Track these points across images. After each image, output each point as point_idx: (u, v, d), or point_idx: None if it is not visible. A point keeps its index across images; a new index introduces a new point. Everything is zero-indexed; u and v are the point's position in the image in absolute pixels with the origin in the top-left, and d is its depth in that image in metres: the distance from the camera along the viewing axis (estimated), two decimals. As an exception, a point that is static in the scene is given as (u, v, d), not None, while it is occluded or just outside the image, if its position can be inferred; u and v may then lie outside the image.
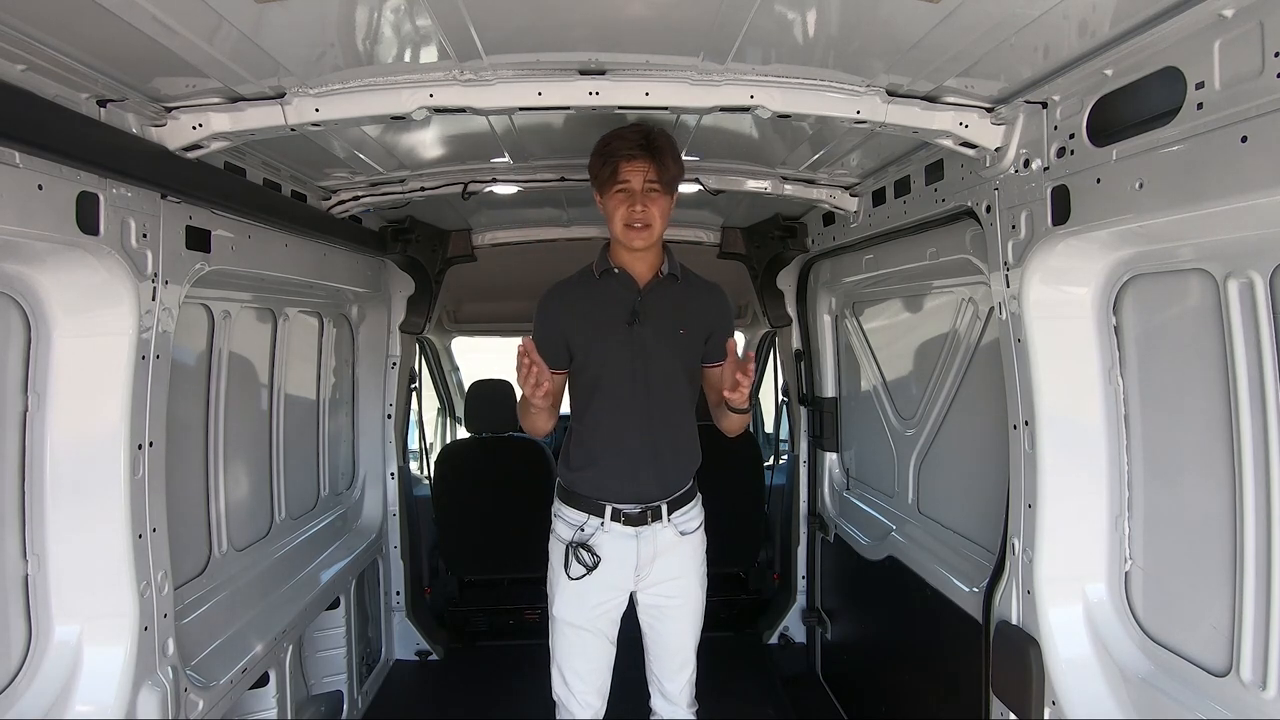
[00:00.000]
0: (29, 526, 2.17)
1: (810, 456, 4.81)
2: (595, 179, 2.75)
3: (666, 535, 2.85)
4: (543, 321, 2.86)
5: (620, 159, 2.64)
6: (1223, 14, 1.59)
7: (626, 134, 2.66)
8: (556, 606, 2.89)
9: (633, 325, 2.78)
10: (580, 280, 2.90)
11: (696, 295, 2.91)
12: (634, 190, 2.67)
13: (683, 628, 2.95)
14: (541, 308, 2.88)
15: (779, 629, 5.05)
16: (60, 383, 2.18)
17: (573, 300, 2.85)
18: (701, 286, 2.95)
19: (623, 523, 2.81)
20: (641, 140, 2.64)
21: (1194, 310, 2.02)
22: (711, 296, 2.94)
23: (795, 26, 1.98)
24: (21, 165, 1.79)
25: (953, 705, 2.98)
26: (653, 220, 2.69)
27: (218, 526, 3.16)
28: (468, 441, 5.40)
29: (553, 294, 2.89)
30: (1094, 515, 2.32)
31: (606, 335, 2.80)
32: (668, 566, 2.87)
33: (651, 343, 2.79)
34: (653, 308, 2.81)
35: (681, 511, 2.88)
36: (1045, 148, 2.21)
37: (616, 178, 2.66)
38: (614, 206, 2.70)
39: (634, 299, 2.80)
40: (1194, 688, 2.02)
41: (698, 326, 2.87)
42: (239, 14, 1.76)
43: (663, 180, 2.67)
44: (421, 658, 4.94)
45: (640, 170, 2.65)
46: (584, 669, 2.90)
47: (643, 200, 2.67)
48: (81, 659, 2.21)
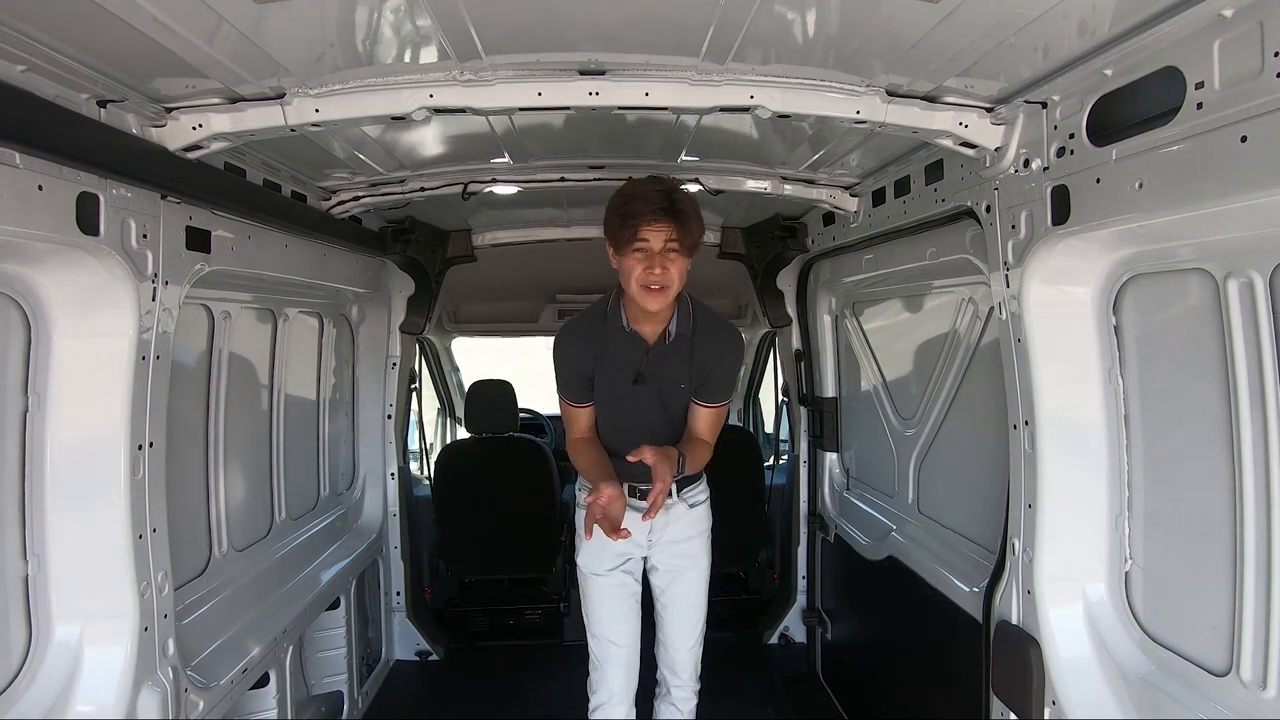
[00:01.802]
0: (29, 527, 2.17)
1: (810, 456, 4.81)
2: (613, 238, 2.67)
3: (678, 508, 3.03)
4: (565, 364, 2.92)
5: (641, 222, 2.57)
6: (1222, 14, 1.59)
7: (647, 194, 2.59)
8: (581, 557, 3.05)
9: (636, 384, 2.84)
10: (594, 326, 2.89)
11: (704, 345, 2.86)
12: (653, 251, 2.60)
13: (693, 588, 3.10)
14: (560, 353, 2.92)
15: (779, 629, 5.05)
16: (60, 383, 2.18)
17: (586, 343, 2.88)
18: (712, 335, 2.89)
19: (639, 498, 2.89)
20: (665, 203, 2.57)
21: (1194, 310, 2.02)
22: (720, 344, 2.89)
23: (795, 26, 1.98)
24: (21, 166, 1.79)
25: (953, 705, 2.98)
26: (671, 282, 2.63)
27: (218, 527, 3.16)
28: (468, 442, 5.40)
29: (569, 338, 2.92)
30: (1094, 515, 2.32)
31: (615, 386, 2.87)
32: (681, 529, 3.05)
33: (652, 399, 2.87)
34: (658, 369, 2.84)
35: (690, 489, 3.06)
36: (1045, 147, 2.21)
37: (636, 237, 2.59)
38: (631, 266, 2.63)
39: (640, 360, 2.83)
40: (1194, 687, 2.02)
41: (699, 374, 2.88)
42: (239, 14, 1.76)
43: (684, 244, 2.62)
44: (422, 658, 4.94)
45: (663, 232, 2.58)
46: (612, 624, 3.03)
47: (662, 262, 2.60)
48: (82, 659, 2.21)
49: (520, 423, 5.56)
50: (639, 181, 2.69)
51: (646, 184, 2.65)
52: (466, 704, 4.50)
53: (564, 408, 3.00)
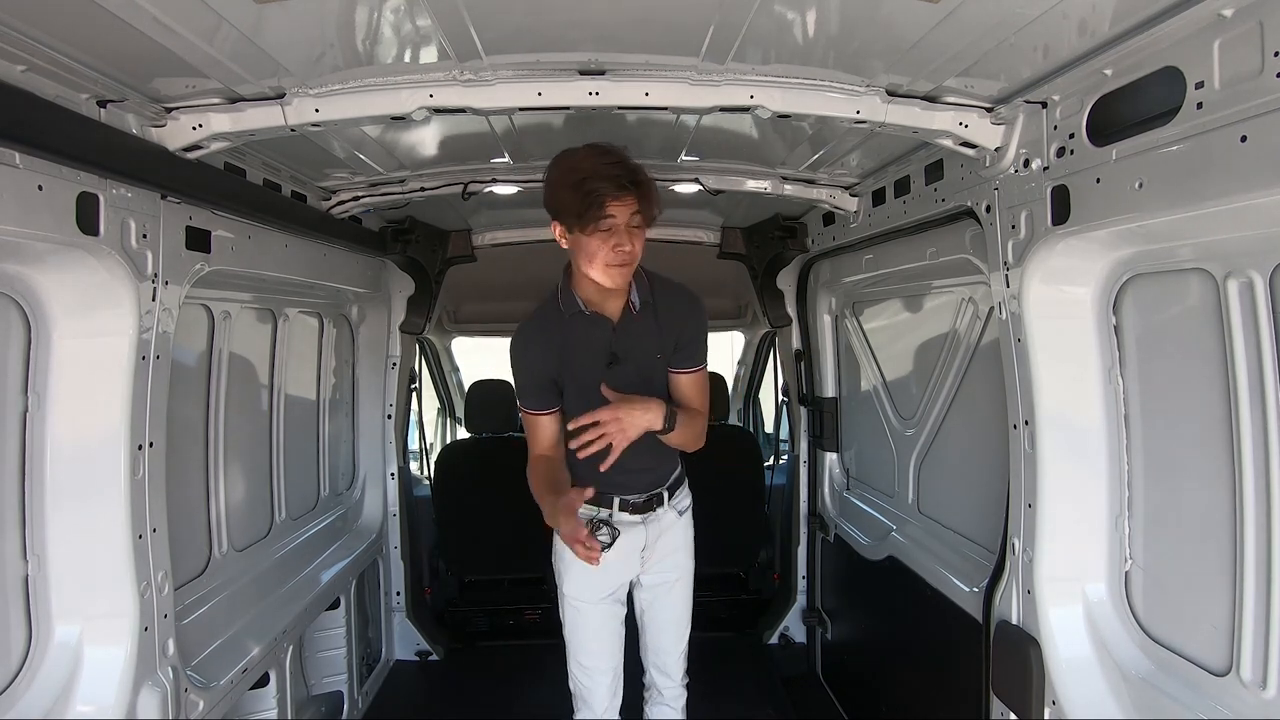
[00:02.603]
0: (29, 527, 2.17)
1: (810, 456, 4.81)
2: (566, 213, 2.53)
3: (668, 516, 2.97)
4: (525, 366, 2.79)
5: (606, 195, 2.46)
6: (1222, 14, 1.59)
7: (606, 171, 2.47)
8: (569, 585, 2.94)
9: (611, 366, 2.71)
10: (549, 319, 2.77)
11: (669, 310, 2.78)
12: (620, 227, 2.51)
13: (680, 600, 3.05)
14: (519, 355, 2.79)
15: (779, 629, 5.05)
16: (60, 383, 2.17)
17: (548, 344, 2.75)
18: (673, 299, 2.80)
19: (630, 512, 2.88)
20: (629, 176, 2.49)
21: (1194, 310, 2.02)
22: (683, 306, 2.80)
23: (795, 26, 1.98)
24: (21, 166, 1.79)
25: (953, 705, 2.98)
26: (637, 257, 2.57)
27: (218, 527, 3.16)
28: (468, 442, 5.40)
29: (526, 340, 2.79)
30: (1094, 515, 2.32)
31: (586, 380, 2.72)
32: (670, 542, 2.98)
33: (633, 378, 2.72)
34: (629, 344, 2.73)
35: (678, 492, 3.02)
36: (1045, 147, 2.21)
37: (602, 213, 2.48)
38: (596, 245, 2.52)
39: (608, 339, 2.72)
40: (1194, 687, 2.02)
41: (670, 342, 2.78)
42: (239, 14, 1.76)
43: (648, 216, 2.56)
44: (422, 658, 4.94)
45: (628, 206, 2.50)
46: (598, 651, 2.96)
47: (629, 238, 2.52)
48: (81, 659, 2.21)
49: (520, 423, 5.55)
50: (586, 156, 2.49)
51: (597, 158, 2.49)
52: (466, 704, 4.50)
53: (526, 421, 2.88)
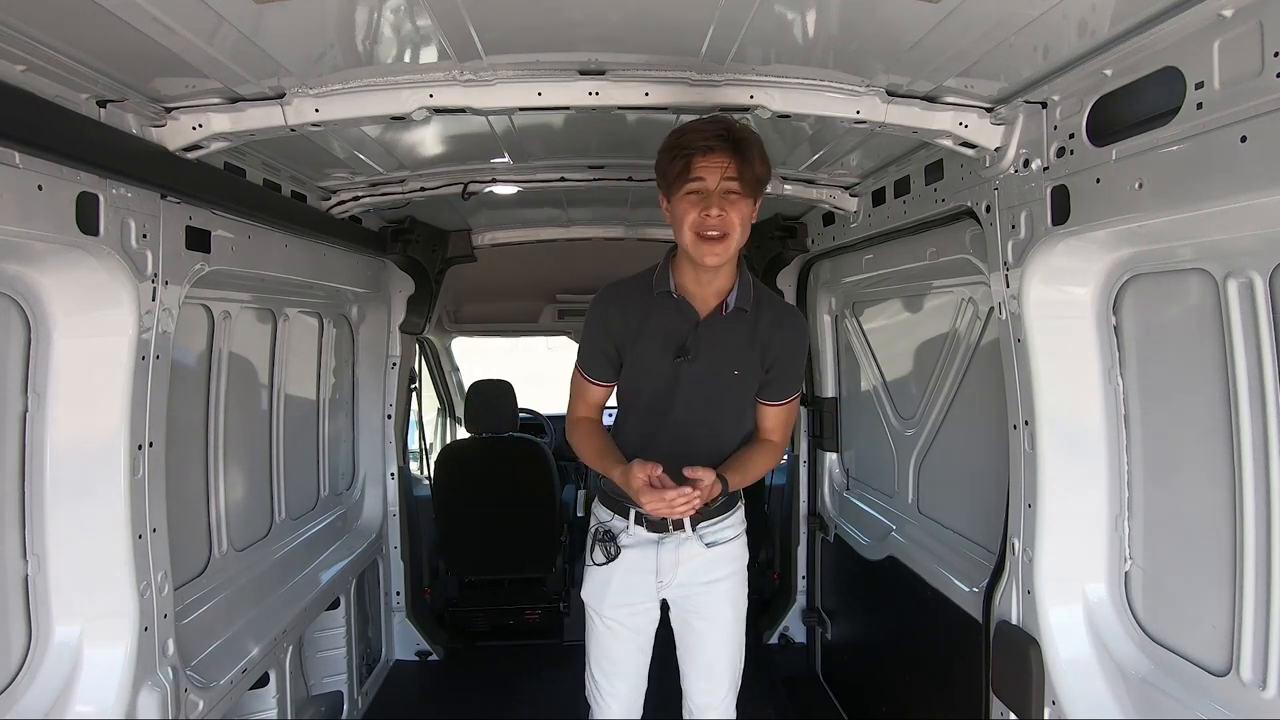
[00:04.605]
0: (29, 527, 2.17)
1: (810, 456, 4.81)
2: (662, 178, 2.34)
3: (691, 545, 2.65)
4: (597, 329, 2.56)
5: (695, 152, 2.23)
6: (1222, 14, 1.59)
7: (702, 125, 2.27)
8: (584, 590, 2.78)
9: (679, 360, 2.46)
10: (635, 290, 2.54)
11: (765, 329, 2.51)
12: (709, 191, 2.26)
13: (708, 642, 2.75)
14: (597, 314, 2.57)
15: (779, 629, 5.05)
16: (60, 383, 2.17)
17: (628, 314, 2.52)
18: (779, 316, 2.57)
19: (645, 527, 2.64)
20: (722, 131, 2.24)
21: (1194, 310, 2.02)
22: (784, 330, 2.55)
23: (795, 27, 1.98)
24: (21, 166, 1.79)
25: (953, 705, 2.97)
26: (731, 228, 2.29)
27: (218, 527, 3.16)
28: (468, 442, 5.40)
29: (609, 301, 2.56)
30: (1094, 515, 2.32)
31: (652, 365, 2.50)
32: (695, 575, 2.67)
33: (697, 384, 2.48)
34: (707, 345, 2.46)
35: (710, 524, 2.65)
36: (1045, 148, 2.21)
37: (689, 174, 2.25)
38: (683, 211, 2.28)
39: (688, 332, 2.45)
40: (1194, 687, 2.02)
41: (757, 364, 2.53)
42: (239, 14, 1.76)
43: (745, 180, 2.28)
44: (421, 658, 4.94)
45: (719, 166, 2.25)
46: (610, 669, 2.79)
47: (720, 203, 2.27)
48: (81, 659, 2.21)
49: (520, 423, 5.56)
50: (694, 120, 2.33)
51: (701, 119, 2.31)
52: (466, 704, 4.49)
53: (576, 381, 2.64)
